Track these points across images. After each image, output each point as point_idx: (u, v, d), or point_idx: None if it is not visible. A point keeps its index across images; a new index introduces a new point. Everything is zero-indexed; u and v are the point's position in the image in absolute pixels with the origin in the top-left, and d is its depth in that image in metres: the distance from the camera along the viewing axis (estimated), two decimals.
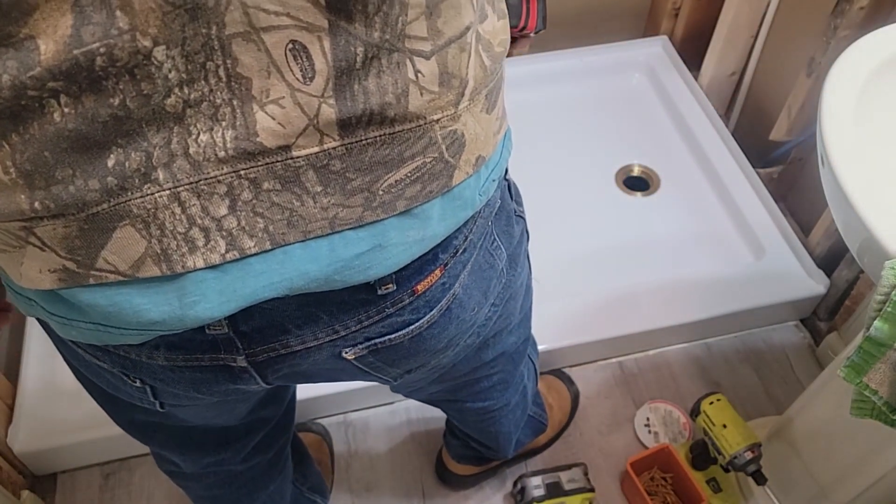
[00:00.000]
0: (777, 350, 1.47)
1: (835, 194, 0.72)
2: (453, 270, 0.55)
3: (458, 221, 0.52)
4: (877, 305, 0.65)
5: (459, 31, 0.44)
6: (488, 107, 0.50)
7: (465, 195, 0.51)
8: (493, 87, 0.50)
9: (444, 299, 0.56)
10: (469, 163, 0.49)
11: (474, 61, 0.46)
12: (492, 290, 0.64)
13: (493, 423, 0.98)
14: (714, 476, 1.27)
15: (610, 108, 1.81)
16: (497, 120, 0.52)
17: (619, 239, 1.55)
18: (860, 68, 0.79)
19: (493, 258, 0.62)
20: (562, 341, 1.37)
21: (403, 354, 0.59)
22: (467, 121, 0.48)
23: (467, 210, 0.52)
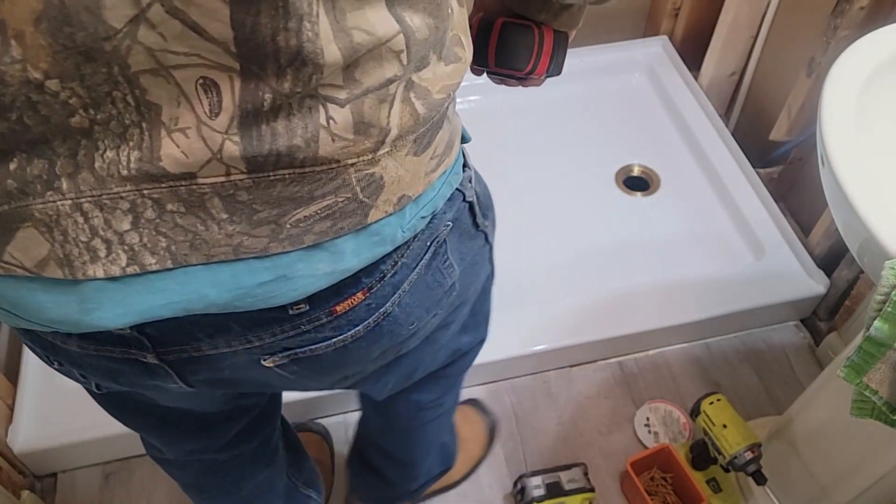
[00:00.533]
0: (777, 350, 1.47)
1: (835, 194, 0.72)
2: (381, 292, 0.55)
3: (376, 256, 0.52)
4: (877, 305, 0.65)
5: (379, 82, 0.44)
6: (417, 150, 0.49)
7: (384, 232, 0.51)
8: (425, 131, 0.49)
9: (372, 318, 0.56)
10: (389, 202, 0.49)
11: (399, 110, 0.46)
12: (439, 303, 0.64)
13: (421, 423, 0.97)
14: (714, 476, 1.27)
15: (610, 108, 1.81)
16: (432, 160, 0.51)
17: (619, 239, 1.55)
18: (860, 68, 0.79)
19: (442, 276, 0.62)
20: (562, 341, 1.37)
21: (330, 364, 0.59)
22: (388, 165, 0.47)
23: (386, 246, 0.52)
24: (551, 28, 0.68)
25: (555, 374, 1.42)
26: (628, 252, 1.53)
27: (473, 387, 1.40)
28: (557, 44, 0.69)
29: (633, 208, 1.61)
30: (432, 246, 0.58)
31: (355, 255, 0.50)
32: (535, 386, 1.41)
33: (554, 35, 0.68)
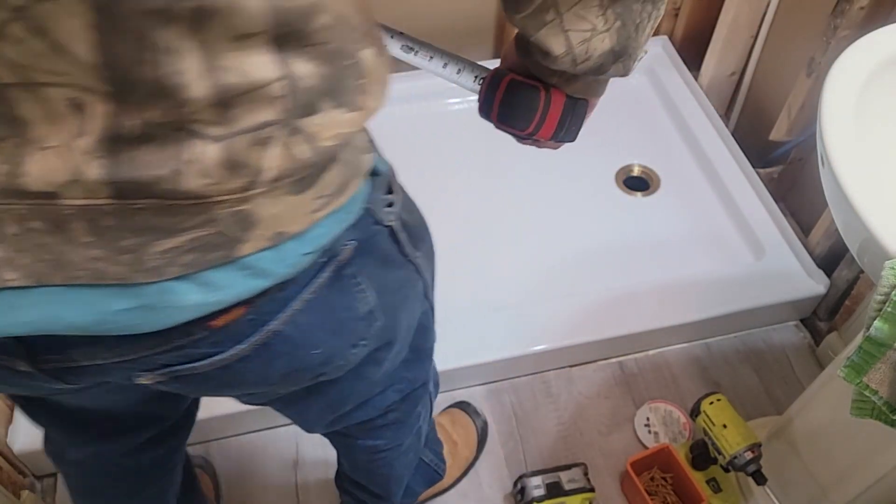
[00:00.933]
0: (777, 350, 1.47)
1: (835, 194, 0.72)
2: (266, 308, 0.53)
3: (253, 289, 0.50)
4: (877, 305, 0.66)
5: (254, 124, 0.43)
6: (297, 190, 0.48)
7: (258, 266, 0.49)
8: (309, 174, 0.48)
9: (258, 335, 0.54)
10: (263, 237, 0.48)
11: (278, 153, 0.44)
12: (352, 331, 0.62)
13: (384, 464, 0.95)
14: (714, 476, 1.27)
15: (610, 108, 1.79)
16: (317, 200, 0.50)
17: (619, 239, 1.55)
18: (860, 68, 0.79)
19: (352, 301, 0.60)
20: (562, 341, 1.37)
21: (218, 383, 0.57)
22: (261, 202, 0.46)
23: (263, 280, 0.50)
24: (563, 93, 0.65)
25: (555, 374, 1.42)
26: (628, 252, 1.53)
27: (473, 387, 1.40)
28: (569, 110, 0.66)
29: (633, 208, 1.62)
30: (330, 265, 0.56)
31: (227, 287, 0.49)
32: (535, 386, 1.41)
33: (566, 101, 0.65)
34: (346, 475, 1.06)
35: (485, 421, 1.34)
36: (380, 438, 0.88)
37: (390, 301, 0.65)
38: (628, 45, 0.57)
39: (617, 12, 0.54)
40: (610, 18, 0.54)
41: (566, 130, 0.69)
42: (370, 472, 0.99)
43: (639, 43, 0.58)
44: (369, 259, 0.60)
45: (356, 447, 0.91)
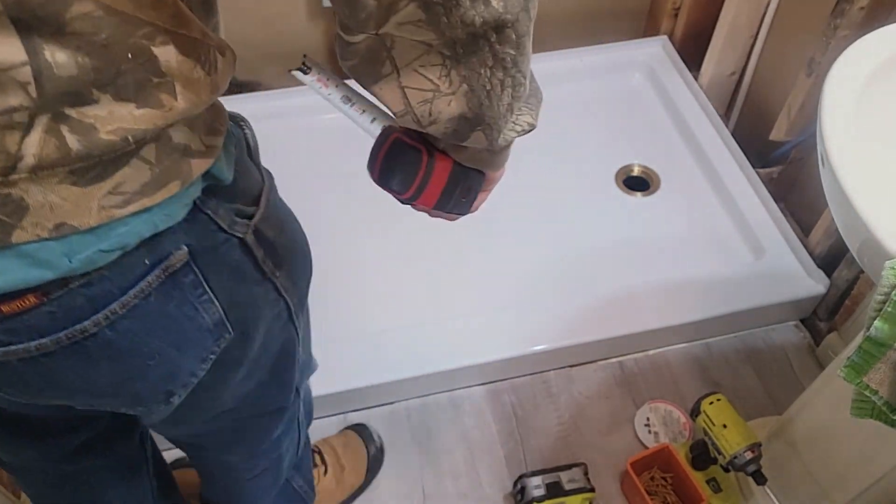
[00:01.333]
0: (777, 350, 1.47)
1: (835, 194, 0.72)
2: (69, 303, 0.50)
3: (29, 280, 0.47)
4: (877, 305, 0.66)
5: (1, 108, 0.41)
6: (79, 182, 0.46)
7: (39, 256, 0.47)
8: (90, 166, 0.46)
9: (64, 333, 0.51)
10: (41, 227, 0.45)
11: (39, 140, 0.43)
12: (198, 343, 0.59)
13: (238, 484, 0.93)
14: (714, 476, 1.27)
15: (610, 108, 1.81)
16: (113, 195, 0.47)
17: (619, 239, 1.55)
18: (860, 68, 0.79)
19: (193, 311, 0.57)
20: (562, 341, 1.37)
21: (38, 384, 0.56)
22: (29, 189, 0.44)
23: (46, 270, 0.47)
24: (451, 160, 0.61)
25: (555, 374, 1.42)
26: (628, 252, 1.53)
27: (473, 387, 1.40)
28: (456, 178, 0.61)
29: (632, 208, 1.62)
30: (156, 270, 0.53)
31: (4, 273, 0.46)
32: (535, 386, 1.41)
33: (452, 169, 0.61)
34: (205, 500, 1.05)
35: (379, 448, 1.30)
36: (233, 454, 0.86)
37: (242, 316, 0.62)
38: (483, 113, 0.53)
39: (462, 75, 0.50)
40: (455, 80, 0.50)
41: (454, 201, 0.63)
42: (226, 491, 0.97)
43: (497, 112, 0.54)
44: (216, 268, 0.57)
45: (210, 460, 0.89)
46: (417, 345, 1.34)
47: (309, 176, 1.63)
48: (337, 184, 1.62)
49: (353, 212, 1.57)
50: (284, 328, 0.72)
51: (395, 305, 1.44)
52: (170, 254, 0.53)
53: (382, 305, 1.44)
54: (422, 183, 0.61)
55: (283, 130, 1.67)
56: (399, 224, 1.57)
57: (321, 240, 1.54)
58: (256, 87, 1.75)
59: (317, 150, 1.68)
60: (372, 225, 1.56)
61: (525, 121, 0.57)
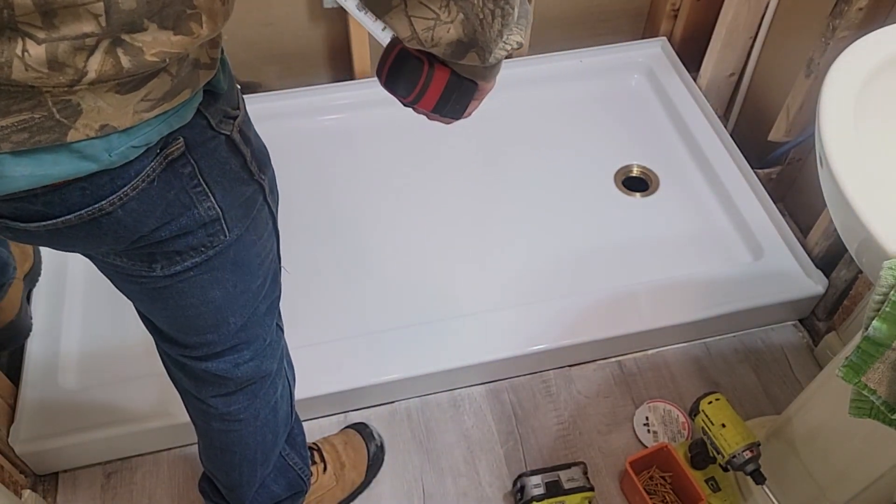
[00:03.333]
0: (776, 350, 1.47)
1: (833, 195, 0.72)
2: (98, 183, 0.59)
3: (80, 170, 0.57)
4: (875, 305, 0.66)
5: (76, 34, 0.49)
6: (121, 90, 0.54)
7: (86, 151, 0.56)
8: (134, 79, 0.54)
9: (87, 210, 0.60)
10: (90, 127, 0.54)
11: (100, 59, 0.51)
12: (185, 225, 0.67)
13: (237, 439, 0.96)
14: (713, 475, 1.27)
15: (609, 109, 1.81)
16: (143, 101, 0.56)
17: (618, 239, 1.55)
18: (859, 69, 0.79)
19: (187, 197, 0.66)
20: (561, 341, 1.37)
21: (47, 241, 0.65)
22: (85, 96, 0.53)
23: (90, 163, 0.57)
24: (448, 69, 0.69)
25: (554, 374, 1.42)
26: (627, 252, 1.53)
27: (473, 386, 1.40)
28: (453, 86, 0.70)
29: (632, 209, 1.62)
30: (159, 157, 0.61)
31: (56, 164, 0.56)
32: (535, 385, 1.41)
33: (450, 77, 0.69)
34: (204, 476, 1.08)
35: (379, 446, 1.31)
36: (234, 404, 0.91)
37: (236, 215, 0.71)
38: (477, 38, 0.62)
39: (459, 5, 0.59)
40: (453, 10, 0.59)
41: (450, 106, 0.73)
42: (224, 451, 1.00)
43: (488, 37, 0.62)
44: (209, 163, 0.66)
45: (212, 414, 0.93)
46: (417, 345, 1.34)
47: (308, 176, 1.63)
48: (336, 184, 1.63)
49: (352, 212, 1.57)
50: (270, 237, 0.80)
51: (395, 305, 1.44)
52: (169, 143, 0.62)
53: (382, 305, 1.44)
54: (422, 88, 0.70)
55: (283, 130, 1.68)
56: (399, 224, 1.57)
57: (321, 240, 1.54)
58: (257, 87, 1.75)
59: (316, 151, 1.68)
60: (372, 225, 1.56)
61: (514, 40, 0.65)
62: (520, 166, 1.68)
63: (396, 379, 1.33)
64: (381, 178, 1.64)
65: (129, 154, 0.59)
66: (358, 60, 1.71)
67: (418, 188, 1.63)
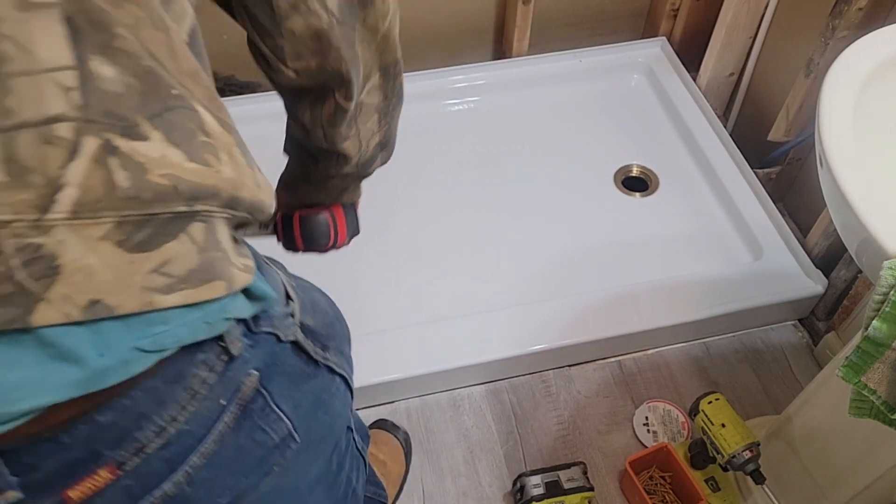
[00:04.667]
0: (775, 350, 1.47)
1: (833, 195, 0.72)
2: (145, 469, 0.42)
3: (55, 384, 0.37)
4: (875, 305, 0.66)
5: (39, 117, 0.33)
6: (124, 242, 0.37)
7: (64, 345, 0.36)
8: (139, 221, 0.38)
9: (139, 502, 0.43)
10: (71, 303, 0.36)
11: (85, 168, 0.35)
12: (268, 461, 0.54)
13: None
14: (713, 475, 1.27)
15: (609, 109, 1.81)
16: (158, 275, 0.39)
17: (618, 239, 1.55)
18: (858, 69, 0.79)
19: (264, 434, 0.52)
20: (562, 341, 1.37)
21: None
22: (66, 240, 0.35)
23: (74, 369, 0.37)
24: (340, 205, 0.77)
25: (554, 374, 1.42)
26: (627, 252, 1.53)
27: (473, 386, 1.40)
28: (350, 215, 0.80)
29: (631, 209, 1.62)
30: (234, 402, 0.47)
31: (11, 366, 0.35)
32: (535, 385, 1.41)
33: (345, 209, 0.78)
34: None
35: (405, 432, 1.32)
36: None
37: (309, 416, 0.59)
38: (390, 137, 0.72)
39: (388, 120, 0.69)
40: (383, 124, 0.69)
41: (351, 229, 0.81)
42: None
43: (393, 132, 0.73)
44: (278, 381, 0.53)
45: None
46: (417, 345, 1.34)
47: None
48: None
49: None
50: (344, 400, 0.69)
51: (395, 305, 1.44)
52: (241, 384, 0.48)
53: (382, 305, 1.44)
54: (335, 230, 0.78)
55: (283, 131, 1.67)
56: (398, 224, 1.57)
57: None
58: (256, 87, 1.75)
59: None
60: (371, 225, 1.56)
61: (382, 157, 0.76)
62: (519, 166, 1.68)
63: (396, 379, 1.33)
64: (378, 177, 1.64)
65: (133, 362, 0.39)
66: None
67: (417, 188, 1.63)
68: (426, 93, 1.75)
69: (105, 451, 0.40)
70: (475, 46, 1.83)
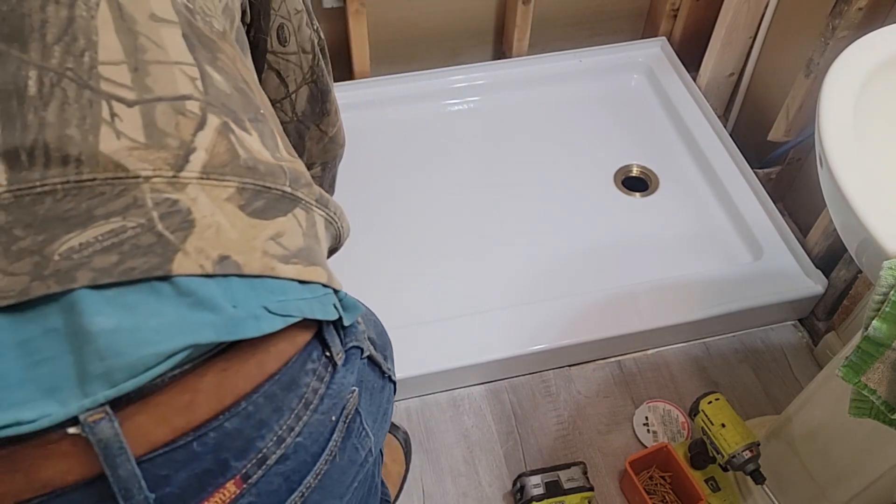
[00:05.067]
0: (775, 350, 1.47)
1: (833, 195, 0.72)
2: (266, 485, 0.42)
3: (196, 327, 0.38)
4: (875, 305, 0.66)
5: (173, 94, 0.39)
6: (247, 207, 0.41)
7: (200, 293, 0.38)
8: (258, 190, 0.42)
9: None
10: (205, 255, 0.38)
11: (211, 137, 0.40)
12: (355, 480, 0.54)
13: None
14: (713, 475, 1.27)
15: (609, 109, 1.81)
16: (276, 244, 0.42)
17: (618, 239, 1.55)
18: (858, 69, 0.79)
19: (356, 452, 0.52)
20: (561, 341, 1.37)
21: None
22: (198, 197, 0.38)
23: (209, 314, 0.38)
24: None
25: (554, 374, 1.42)
26: (627, 252, 1.53)
27: (473, 386, 1.40)
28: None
29: (631, 209, 1.62)
30: (341, 419, 0.48)
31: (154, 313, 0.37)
32: (535, 385, 1.41)
33: None
34: None
35: (405, 432, 1.32)
36: None
37: (381, 427, 0.60)
38: None
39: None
40: None
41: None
42: None
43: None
44: (365, 398, 0.54)
45: None
46: (417, 345, 1.34)
47: None
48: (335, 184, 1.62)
49: (349, 211, 1.57)
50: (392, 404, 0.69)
51: (395, 305, 1.44)
52: (346, 401, 0.49)
53: (381, 305, 1.44)
54: None
55: None
56: (398, 225, 1.57)
57: None
58: None
59: None
60: (371, 225, 1.56)
61: None
62: (519, 166, 1.68)
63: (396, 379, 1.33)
64: (378, 177, 1.64)
65: (263, 319, 0.41)
66: (357, 60, 1.71)
67: (416, 188, 1.63)
68: (426, 93, 1.75)
69: (232, 461, 0.41)
70: (475, 46, 1.83)
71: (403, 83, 1.71)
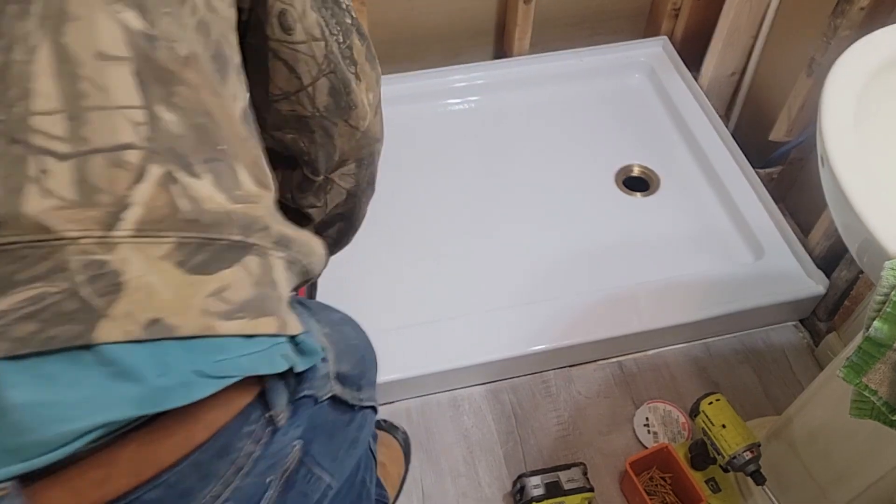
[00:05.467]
0: (776, 350, 1.47)
1: (834, 195, 0.72)
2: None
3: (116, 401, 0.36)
4: (876, 306, 0.66)
5: (111, 144, 0.36)
6: (185, 263, 0.39)
7: (124, 363, 0.36)
8: (199, 244, 0.40)
9: None
10: (133, 320, 0.37)
11: (150, 190, 0.38)
12: None
13: None
14: (713, 476, 1.27)
15: (610, 109, 1.81)
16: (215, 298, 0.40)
17: (619, 239, 1.55)
18: (860, 69, 0.79)
19: (305, 498, 0.52)
20: (562, 341, 1.37)
21: None
22: (130, 257, 0.37)
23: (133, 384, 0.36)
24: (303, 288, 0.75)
25: (554, 374, 1.42)
26: (628, 252, 1.53)
27: (473, 387, 1.40)
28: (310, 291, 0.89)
29: (632, 208, 1.62)
30: (276, 482, 0.46)
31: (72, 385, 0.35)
32: (535, 386, 1.41)
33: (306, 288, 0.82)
34: None
35: (404, 433, 1.32)
36: None
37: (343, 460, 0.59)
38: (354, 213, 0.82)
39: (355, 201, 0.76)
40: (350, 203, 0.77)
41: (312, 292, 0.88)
42: None
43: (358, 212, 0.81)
44: (320, 441, 0.53)
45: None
46: (417, 345, 1.34)
47: None
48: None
49: None
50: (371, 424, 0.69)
51: (395, 305, 1.44)
52: (285, 456, 0.47)
53: (381, 306, 1.44)
54: None
55: None
56: (397, 224, 1.57)
57: None
58: None
59: None
60: (371, 225, 1.56)
61: None
62: (520, 166, 1.68)
63: (396, 379, 1.33)
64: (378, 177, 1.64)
65: (194, 386, 0.39)
66: None
67: (417, 188, 1.63)
68: (426, 92, 1.75)
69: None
70: (475, 46, 1.83)
71: (403, 83, 1.71)
